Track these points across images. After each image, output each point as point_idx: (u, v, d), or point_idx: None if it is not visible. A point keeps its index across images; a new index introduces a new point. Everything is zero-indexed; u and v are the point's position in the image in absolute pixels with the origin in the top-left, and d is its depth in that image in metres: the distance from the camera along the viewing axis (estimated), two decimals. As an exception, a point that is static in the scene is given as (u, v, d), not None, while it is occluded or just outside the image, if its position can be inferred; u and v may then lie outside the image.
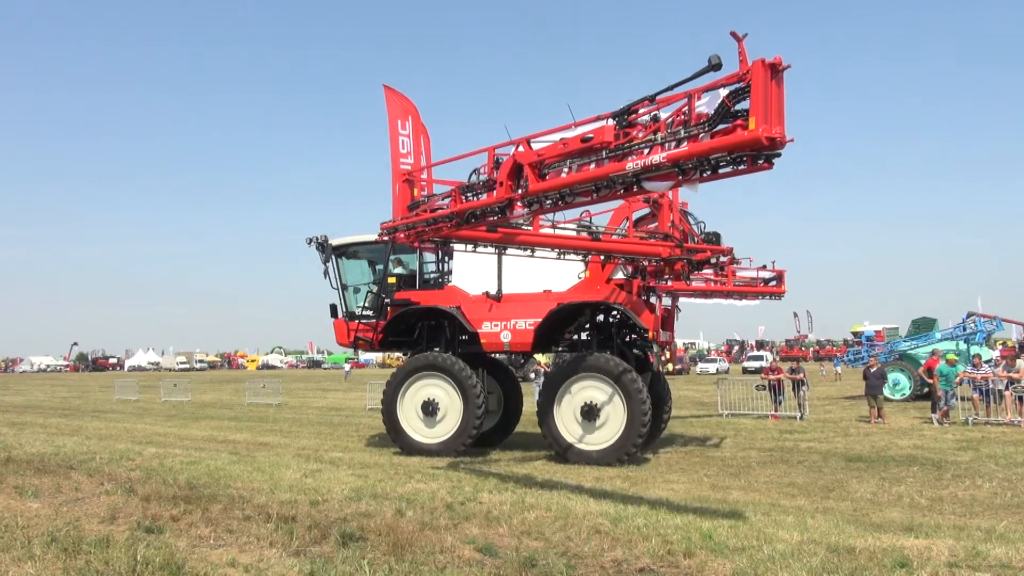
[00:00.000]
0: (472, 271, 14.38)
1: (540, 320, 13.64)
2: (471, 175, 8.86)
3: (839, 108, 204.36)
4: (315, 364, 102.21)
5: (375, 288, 15.53)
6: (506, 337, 13.92)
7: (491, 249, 10.91)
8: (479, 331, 14.09)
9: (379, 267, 15.66)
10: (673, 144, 6.71)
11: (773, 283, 16.95)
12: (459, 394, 13.85)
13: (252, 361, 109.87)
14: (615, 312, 13.88)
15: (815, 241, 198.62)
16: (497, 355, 16.02)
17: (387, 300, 15.01)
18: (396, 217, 10.36)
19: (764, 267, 16.88)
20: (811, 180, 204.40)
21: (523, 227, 10.79)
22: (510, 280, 14.14)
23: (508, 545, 6.60)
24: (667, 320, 15.06)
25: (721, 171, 6.57)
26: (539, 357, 46.05)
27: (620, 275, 13.72)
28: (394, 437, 14.35)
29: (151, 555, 6.17)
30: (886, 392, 23.00)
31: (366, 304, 15.50)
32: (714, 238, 13.59)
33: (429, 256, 15.76)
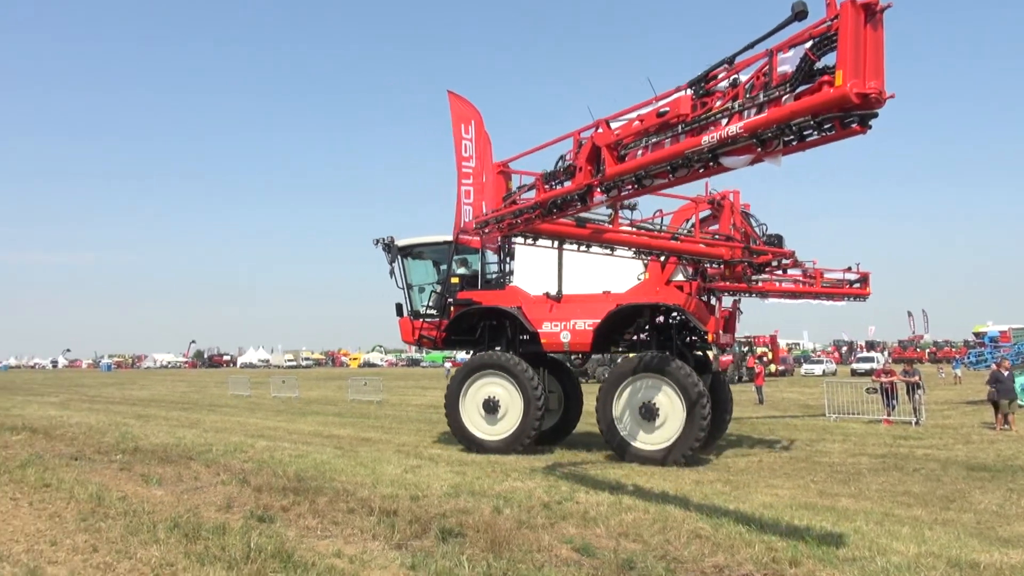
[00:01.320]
0: (533, 272, 14.56)
1: (599, 321, 13.71)
2: (557, 162, 8.56)
3: (956, 105, 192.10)
4: (414, 363, 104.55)
5: (439, 288, 15.85)
6: (566, 337, 14.06)
7: (575, 246, 10.70)
8: (539, 331, 14.24)
9: (443, 267, 15.98)
10: (753, 111, 5.85)
11: (857, 285, 16.86)
12: (520, 393, 13.98)
13: (354, 359, 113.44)
14: (675, 314, 13.81)
15: (932, 236, 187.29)
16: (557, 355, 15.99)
17: (450, 300, 15.32)
18: (491, 210, 10.30)
19: (849, 269, 16.84)
20: (924, 171, 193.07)
21: (606, 223, 10.63)
22: (570, 281, 14.26)
23: (606, 546, 6.55)
24: (728, 322, 14.94)
25: (807, 139, 5.60)
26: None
27: (680, 277, 13.66)
28: (456, 434, 14.60)
29: (263, 543, 6.48)
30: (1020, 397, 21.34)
31: (430, 303, 15.84)
32: (776, 240, 13.40)
33: (491, 257, 16.00)
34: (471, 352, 16.01)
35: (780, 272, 14.80)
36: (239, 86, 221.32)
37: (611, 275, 13.79)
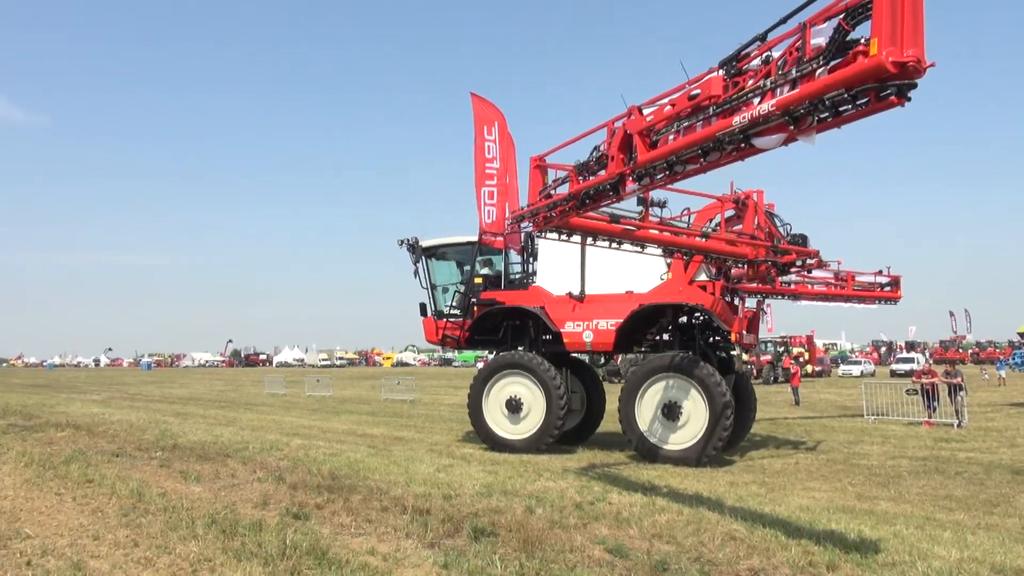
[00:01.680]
0: (556, 272, 14.58)
1: (622, 321, 13.74)
2: (591, 153, 8.39)
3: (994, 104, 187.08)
4: (446, 362, 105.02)
5: (462, 288, 15.92)
6: (588, 337, 14.09)
7: (605, 243, 10.59)
8: (562, 331, 14.29)
9: (466, 268, 16.07)
10: (785, 88, 5.58)
11: (888, 288, 17.33)
12: (542, 392, 14.03)
13: (387, 358, 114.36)
14: (697, 314, 13.77)
15: (976, 234, 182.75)
16: (581, 355, 15.98)
17: (473, 299, 15.41)
18: (527, 204, 10.25)
19: (880, 272, 17.23)
20: (970, 168, 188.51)
21: (636, 219, 10.54)
22: (593, 281, 14.25)
23: (639, 547, 6.51)
24: (752, 323, 14.81)
25: (843, 114, 5.25)
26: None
27: (703, 277, 13.58)
28: (479, 432, 14.69)
29: (299, 540, 6.56)
30: None
31: (454, 303, 15.94)
32: (800, 240, 13.29)
33: (515, 257, 16.07)
34: (494, 352, 16.07)
35: (805, 272, 14.84)
36: (276, 85, 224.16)
37: (634, 275, 13.83)
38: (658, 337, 14.70)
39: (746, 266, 12.92)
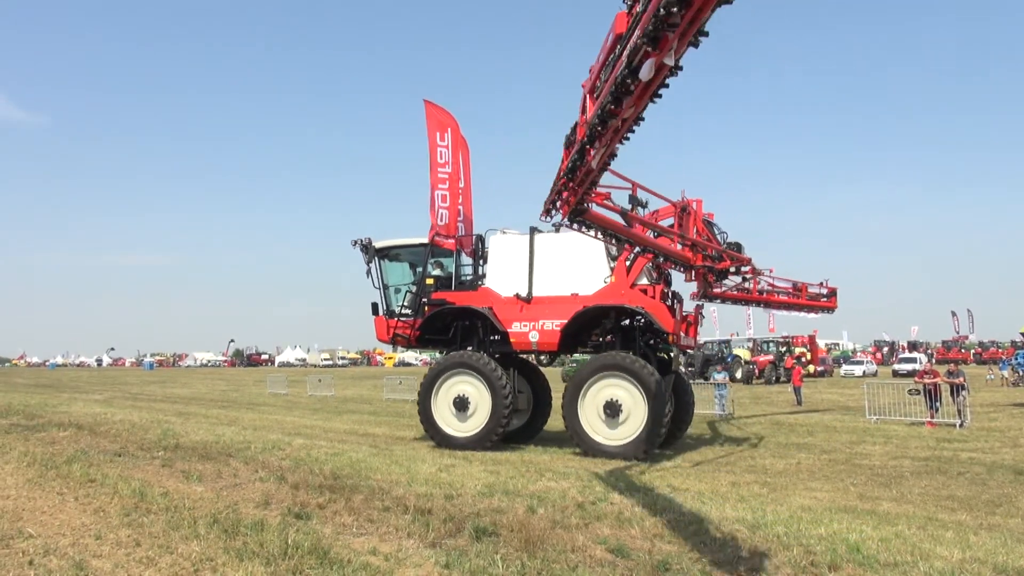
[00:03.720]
0: (506, 274, 15.06)
1: (566, 321, 14.28)
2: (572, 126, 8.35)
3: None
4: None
5: (414, 288, 16.28)
6: (534, 337, 14.60)
7: (592, 232, 10.83)
8: (509, 331, 14.75)
9: (419, 269, 16.43)
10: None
11: (825, 299, 19.52)
12: (489, 391, 14.43)
13: (389, 358, 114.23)
14: (638, 316, 14.28)
15: (977, 232, 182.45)
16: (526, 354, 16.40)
17: (424, 300, 15.77)
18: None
19: (821, 284, 19.50)
20: (970, 167, 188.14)
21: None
22: (540, 283, 14.77)
23: (640, 547, 6.50)
24: (690, 326, 15.47)
25: (675, 20, 4.74)
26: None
27: (644, 280, 14.28)
28: (427, 429, 15.11)
29: (300, 540, 6.56)
30: None
31: (405, 303, 16.28)
32: (735, 248, 14.11)
33: (466, 259, 16.56)
34: (443, 352, 16.50)
35: (740, 279, 15.84)
36: (281, 84, 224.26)
37: (580, 278, 14.50)
38: (602, 339, 15.25)
39: (685, 270, 13.68)
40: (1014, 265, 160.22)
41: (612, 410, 13.46)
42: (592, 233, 10.75)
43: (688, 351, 16.62)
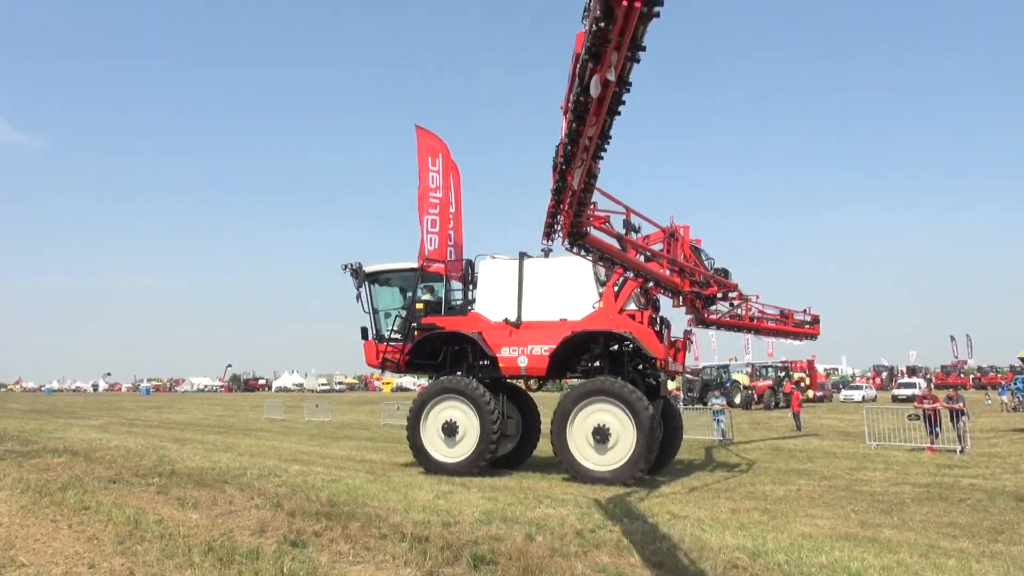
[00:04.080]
0: (495, 299, 15.14)
1: (555, 346, 14.33)
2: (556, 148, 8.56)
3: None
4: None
5: (404, 313, 16.34)
6: (523, 362, 14.63)
7: (581, 253, 11.01)
8: (498, 356, 14.77)
9: (409, 293, 16.49)
10: None
11: (808, 326, 20.13)
12: (477, 416, 14.43)
13: (387, 384, 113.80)
14: (627, 341, 14.33)
15: (975, 258, 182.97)
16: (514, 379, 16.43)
17: (414, 324, 15.82)
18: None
19: (805, 311, 20.07)
20: (968, 190, 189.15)
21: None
22: (529, 308, 14.85)
23: (640, 575, 6.43)
24: (679, 351, 15.56)
25: (608, 34, 4.79)
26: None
27: (632, 306, 14.39)
28: (415, 454, 15.04)
29: (296, 568, 6.49)
30: None
31: (394, 328, 16.32)
32: (723, 274, 14.31)
33: (456, 284, 16.68)
34: (432, 376, 16.52)
35: (728, 305, 16.08)
36: (276, 106, 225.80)
37: (569, 303, 14.59)
38: (592, 364, 15.31)
39: (673, 295, 13.81)
40: (1013, 289, 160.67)
41: (601, 435, 13.46)
42: (591, 257, 10.83)
43: (678, 376, 16.83)
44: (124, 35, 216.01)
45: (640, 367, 14.75)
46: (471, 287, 16.16)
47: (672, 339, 15.41)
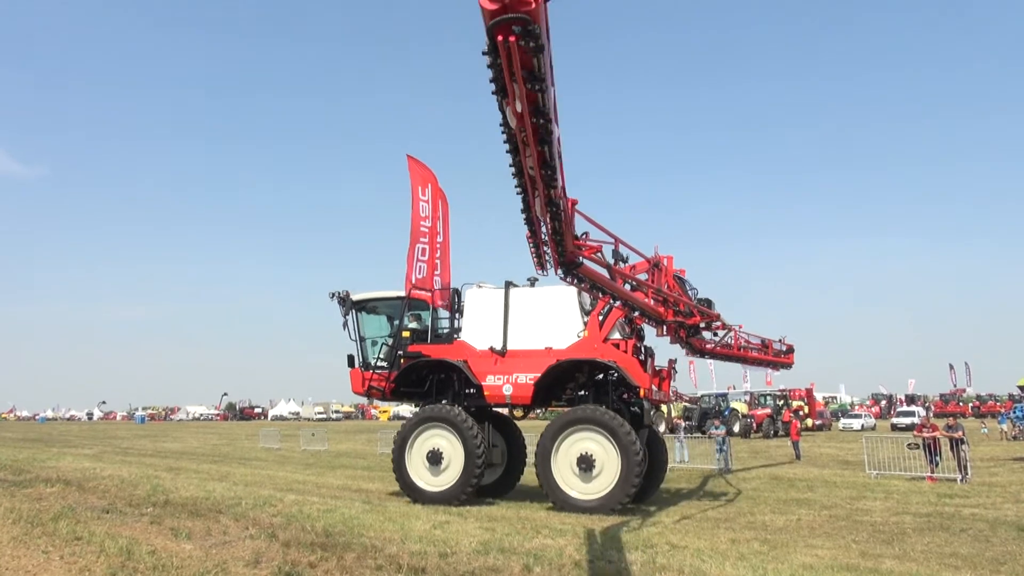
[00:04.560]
0: (481, 327, 15.27)
1: (539, 375, 14.42)
2: None
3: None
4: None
5: (390, 341, 16.45)
6: (508, 390, 14.70)
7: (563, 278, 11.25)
8: (483, 384, 14.84)
9: (396, 321, 16.62)
10: None
11: (784, 355, 20.70)
12: (462, 445, 14.45)
13: (384, 412, 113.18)
14: (611, 370, 14.43)
15: (973, 287, 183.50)
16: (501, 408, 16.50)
17: (400, 352, 15.89)
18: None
19: (780, 340, 20.75)
20: (966, 220, 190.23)
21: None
22: (515, 337, 14.98)
23: (639, 608, 6.35)
24: (663, 380, 15.69)
25: (495, 60, 5.33)
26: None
27: (617, 335, 14.58)
28: (400, 482, 15.02)
29: (290, 600, 6.39)
30: None
31: (381, 355, 16.42)
32: (706, 304, 14.49)
33: (443, 312, 16.84)
34: (418, 405, 16.65)
35: (712, 334, 16.27)
36: (267, 133, 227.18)
37: (554, 332, 14.74)
38: (578, 393, 15.45)
39: (656, 324, 13.98)
40: (1011, 318, 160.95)
41: (586, 464, 13.50)
42: (583, 286, 10.96)
43: (679, 403, 17.11)
44: (122, 65, 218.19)
45: (625, 396, 14.85)
46: (458, 315, 16.30)
47: (657, 368, 15.58)
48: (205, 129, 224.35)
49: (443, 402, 15.45)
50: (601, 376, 15.02)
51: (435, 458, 14.63)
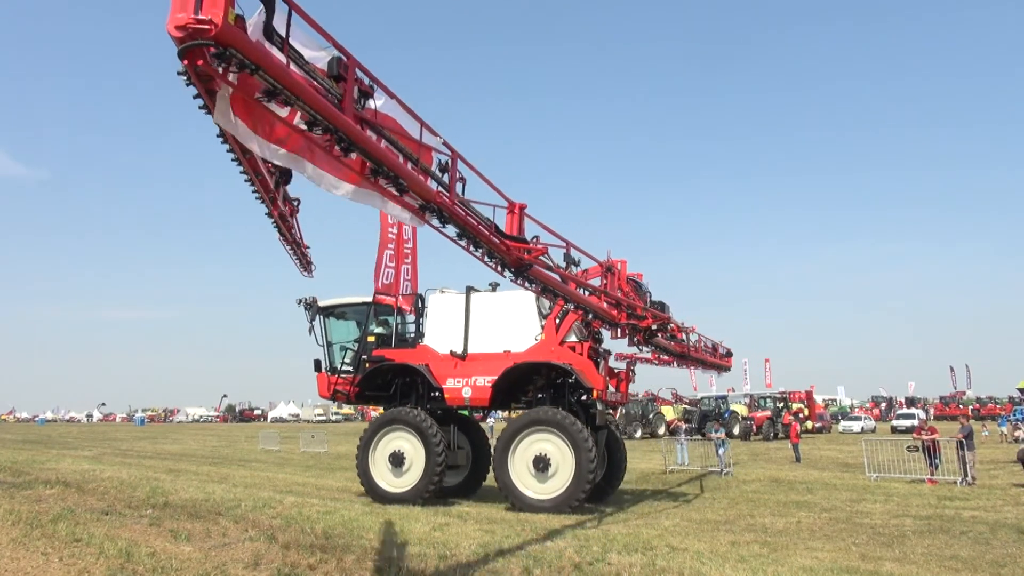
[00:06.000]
0: (444, 332, 15.59)
1: (496, 377, 14.74)
2: None
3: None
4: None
5: (356, 346, 16.73)
6: (467, 393, 15.04)
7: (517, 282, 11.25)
8: (444, 387, 15.17)
9: (362, 327, 16.87)
10: None
11: (724, 358, 22.38)
12: (423, 446, 14.75)
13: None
14: (567, 372, 14.68)
15: (973, 289, 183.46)
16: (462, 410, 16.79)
17: (365, 357, 16.20)
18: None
19: (721, 342, 22.41)
20: (967, 223, 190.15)
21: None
22: (476, 341, 15.29)
23: (639, 610, 6.34)
24: (621, 381, 16.01)
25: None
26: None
27: (573, 338, 14.90)
28: (364, 484, 15.32)
29: (290, 602, 6.38)
30: None
31: (346, 360, 16.78)
32: (660, 307, 14.80)
33: (410, 317, 17.16)
34: (385, 407, 16.80)
35: (666, 337, 16.57)
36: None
37: (512, 335, 15.08)
38: (536, 396, 15.65)
39: (611, 327, 14.08)
40: (1011, 320, 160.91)
41: (542, 464, 13.78)
42: (535, 288, 11.08)
43: (617, 406, 17.77)
44: (123, 65, 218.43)
45: (584, 397, 15.05)
46: (422, 320, 16.58)
47: (615, 370, 15.93)
48: (205, 128, 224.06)
49: (407, 405, 15.69)
50: (559, 378, 15.26)
51: (397, 460, 14.95)
